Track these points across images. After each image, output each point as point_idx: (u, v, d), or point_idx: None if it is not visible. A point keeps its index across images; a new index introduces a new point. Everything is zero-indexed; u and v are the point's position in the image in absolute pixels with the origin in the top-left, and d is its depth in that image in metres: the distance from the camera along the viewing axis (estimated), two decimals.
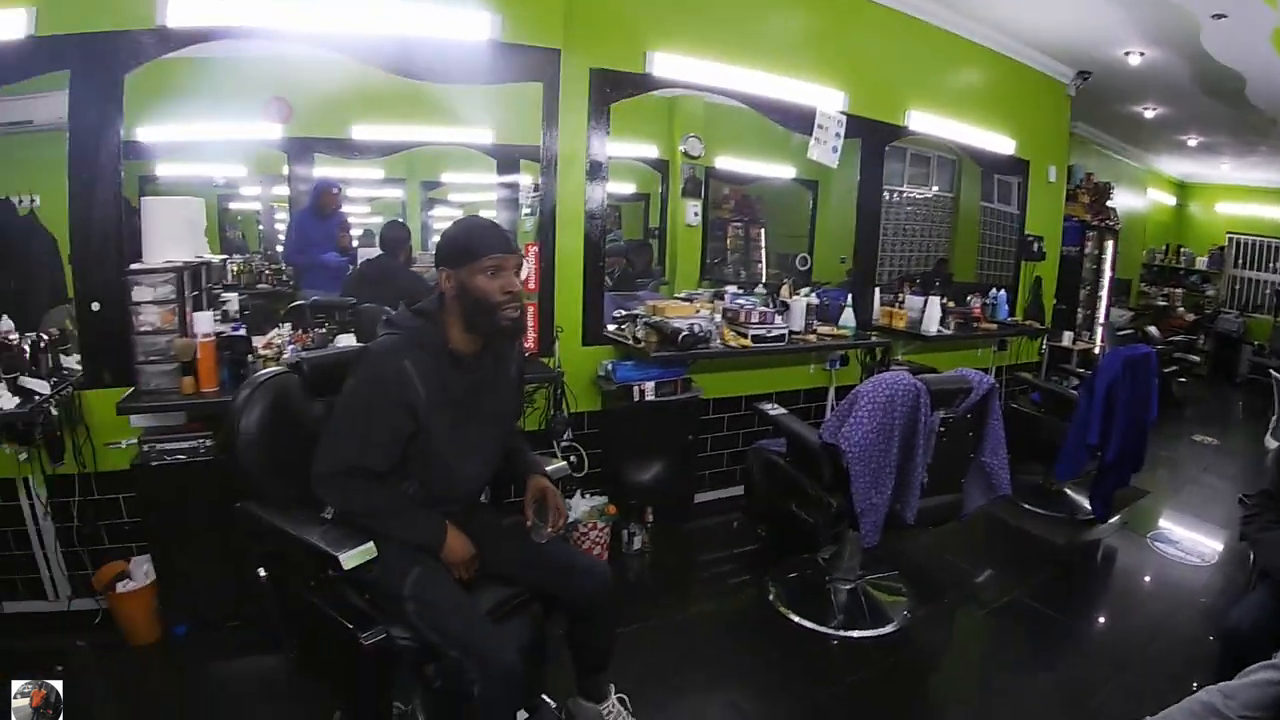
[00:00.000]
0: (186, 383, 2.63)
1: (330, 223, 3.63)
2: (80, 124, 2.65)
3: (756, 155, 4.91)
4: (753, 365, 4.26)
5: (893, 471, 2.73)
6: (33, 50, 2.59)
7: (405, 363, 1.78)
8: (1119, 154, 8.79)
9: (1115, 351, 4.21)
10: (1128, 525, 4.35)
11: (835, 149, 4.13)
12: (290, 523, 1.82)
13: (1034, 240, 5.79)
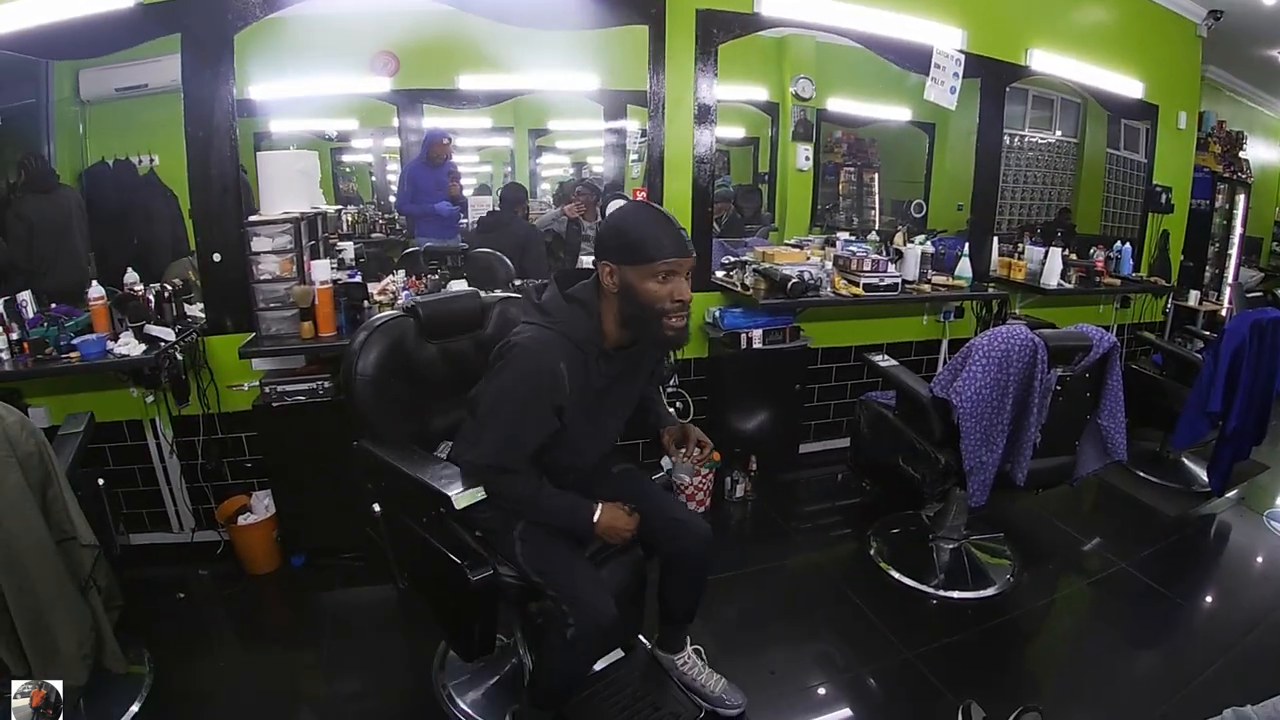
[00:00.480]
0: (305, 328, 2.75)
1: (441, 172, 3.70)
2: (194, 85, 2.76)
3: (870, 97, 4.73)
4: (863, 315, 4.18)
5: (1005, 430, 2.64)
6: (142, 17, 2.70)
7: (560, 365, 1.69)
8: (1253, 101, 8.13)
9: (1243, 315, 3.94)
10: (1244, 501, 4.11)
11: (953, 89, 3.93)
12: (405, 461, 1.88)
13: (1162, 191, 5.42)
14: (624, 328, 1.73)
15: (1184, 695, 2.44)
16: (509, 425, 1.71)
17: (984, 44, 4.15)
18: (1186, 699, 2.42)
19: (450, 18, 3.02)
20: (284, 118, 3.45)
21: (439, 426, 2.22)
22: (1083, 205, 5.57)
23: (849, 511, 3.63)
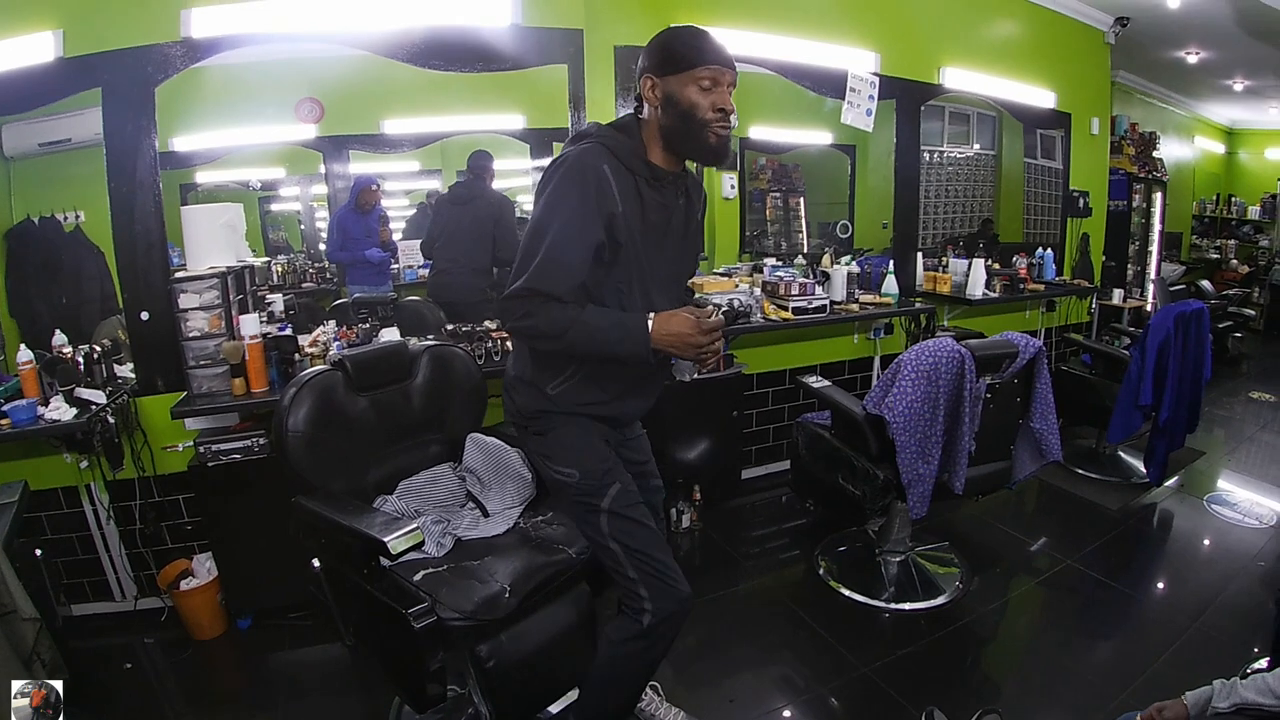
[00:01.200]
0: (237, 384, 2.72)
1: (370, 218, 3.67)
2: (116, 139, 2.73)
3: (791, 123, 4.81)
4: (795, 338, 4.22)
5: (939, 441, 2.70)
6: (63, 71, 2.68)
7: (605, 168, 1.60)
8: (1163, 102, 8.48)
9: (1166, 309, 4.08)
10: (1184, 488, 4.26)
11: (869, 111, 4.04)
12: (340, 514, 1.87)
13: (1079, 196, 5.62)
14: (668, 148, 1.69)
15: (1142, 681, 2.51)
16: (555, 238, 1.57)
17: (897, 65, 4.27)
18: (1145, 685, 2.48)
19: (372, 63, 3.03)
20: (210, 168, 3.42)
21: (375, 478, 2.23)
22: (1004, 215, 5.72)
23: (795, 533, 3.65)
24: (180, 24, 2.71)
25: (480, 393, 2.59)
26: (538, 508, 2.33)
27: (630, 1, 3.49)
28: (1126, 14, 5.59)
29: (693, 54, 1.60)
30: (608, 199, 1.59)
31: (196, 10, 2.72)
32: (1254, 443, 5.30)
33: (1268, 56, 6.36)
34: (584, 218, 1.57)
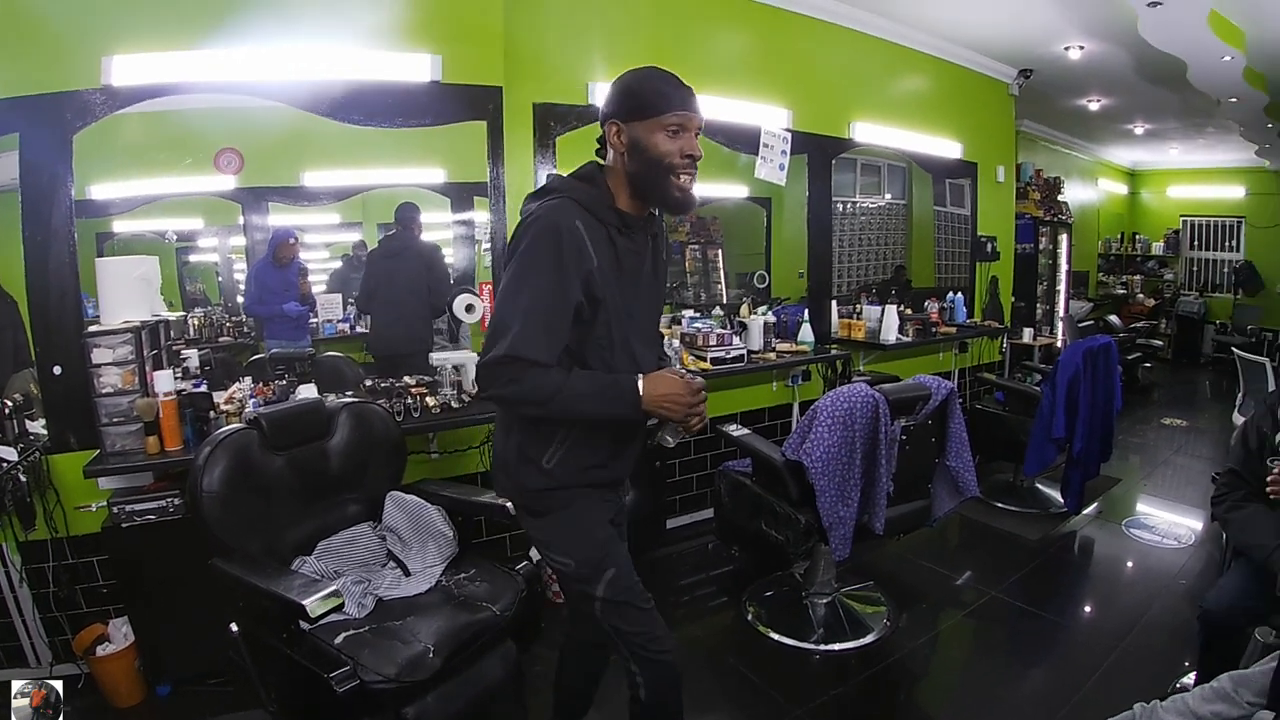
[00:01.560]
0: (151, 443, 2.63)
1: (289, 271, 3.61)
2: (31, 186, 2.66)
3: (708, 177, 4.90)
4: (715, 387, 4.22)
5: (858, 483, 2.75)
6: None
7: (577, 223, 1.54)
8: (1067, 148, 8.96)
9: (1075, 345, 4.27)
10: (1102, 514, 4.41)
11: (782, 166, 4.17)
12: (258, 576, 1.86)
13: (987, 241, 5.89)
14: (634, 195, 1.63)
15: (1075, 704, 2.58)
16: (533, 302, 1.50)
17: (809, 121, 4.44)
18: (1077, 707, 2.55)
19: (294, 115, 3.02)
20: (128, 217, 3.32)
21: (293, 539, 2.21)
22: (917, 261, 5.91)
23: (722, 580, 3.65)
24: (101, 71, 2.67)
25: (400, 450, 2.57)
26: (460, 565, 2.32)
27: (548, 60, 3.57)
28: (1029, 66, 5.94)
29: (660, 100, 1.57)
30: (584, 256, 1.53)
31: (118, 58, 2.68)
32: (1169, 466, 5.55)
33: (1166, 100, 6.79)
34: (561, 279, 1.51)
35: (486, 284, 3.34)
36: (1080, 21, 4.86)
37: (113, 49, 2.68)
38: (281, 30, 2.90)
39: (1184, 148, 9.50)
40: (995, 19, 4.95)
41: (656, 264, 1.78)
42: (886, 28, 4.95)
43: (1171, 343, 10.18)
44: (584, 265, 1.54)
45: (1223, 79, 5.32)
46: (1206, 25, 4.24)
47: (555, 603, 3.22)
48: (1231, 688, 1.43)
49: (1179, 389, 8.76)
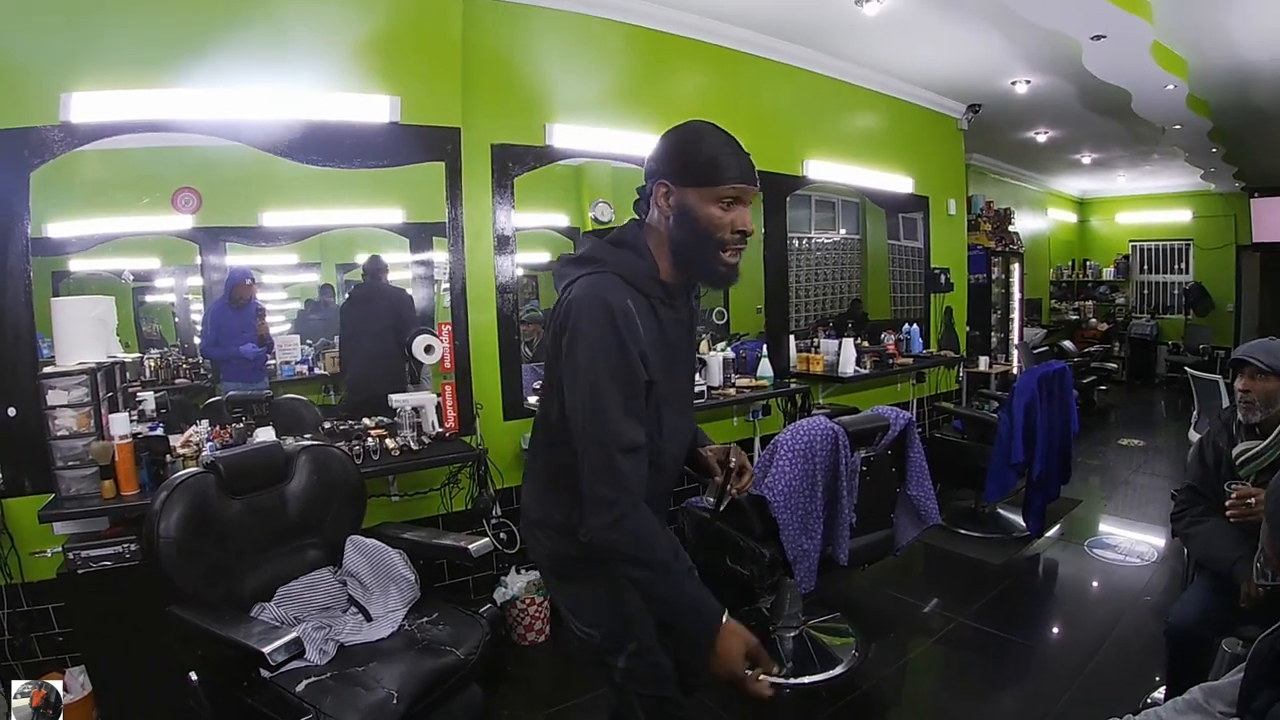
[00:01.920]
0: (106, 487, 2.56)
1: (246, 312, 3.57)
2: None
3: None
4: None
5: (820, 516, 2.77)
6: None
7: (628, 303, 1.41)
8: (1016, 179, 9.22)
9: (1030, 371, 4.36)
10: (1065, 536, 4.48)
11: None
12: (216, 623, 1.84)
13: (940, 273, 6.02)
14: (676, 265, 1.51)
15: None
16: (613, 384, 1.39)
17: (764, 159, 4.40)
18: None
19: (252, 155, 3.02)
20: (84, 256, 3.27)
21: (252, 585, 2.18)
22: (872, 294, 6.02)
23: None
24: (60, 107, 2.64)
25: (359, 494, 2.55)
26: (423, 609, 2.29)
27: (506, 102, 3.61)
28: (978, 101, 6.13)
29: (719, 168, 1.43)
30: (637, 336, 1.41)
31: (77, 95, 2.65)
32: (1128, 485, 5.67)
33: (1111, 130, 7.03)
34: (626, 365, 1.40)
35: (445, 324, 3.33)
36: (1026, 56, 5.02)
37: (72, 86, 2.66)
38: (242, 70, 2.91)
39: (1131, 175, 9.82)
40: (943, 57, 5.10)
41: (692, 329, 1.69)
42: (838, 67, 5.08)
43: (1125, 365, 10.43)
44: (640, 346, 1.42)
45: (1167, 107, 5.53)
46: (1149, 55, 4.39)
47: (520, 644, 3.18)
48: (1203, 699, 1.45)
49: (1135, 410, 8.97)
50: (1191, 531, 2.36)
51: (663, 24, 4.12)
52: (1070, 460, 4.45)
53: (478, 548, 2.34)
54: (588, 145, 3.86)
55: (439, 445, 3.14)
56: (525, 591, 3.20)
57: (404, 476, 3.21)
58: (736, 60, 4.51)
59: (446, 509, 3.36)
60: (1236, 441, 2.32)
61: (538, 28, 3.70)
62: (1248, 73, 5.17)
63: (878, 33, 4.53)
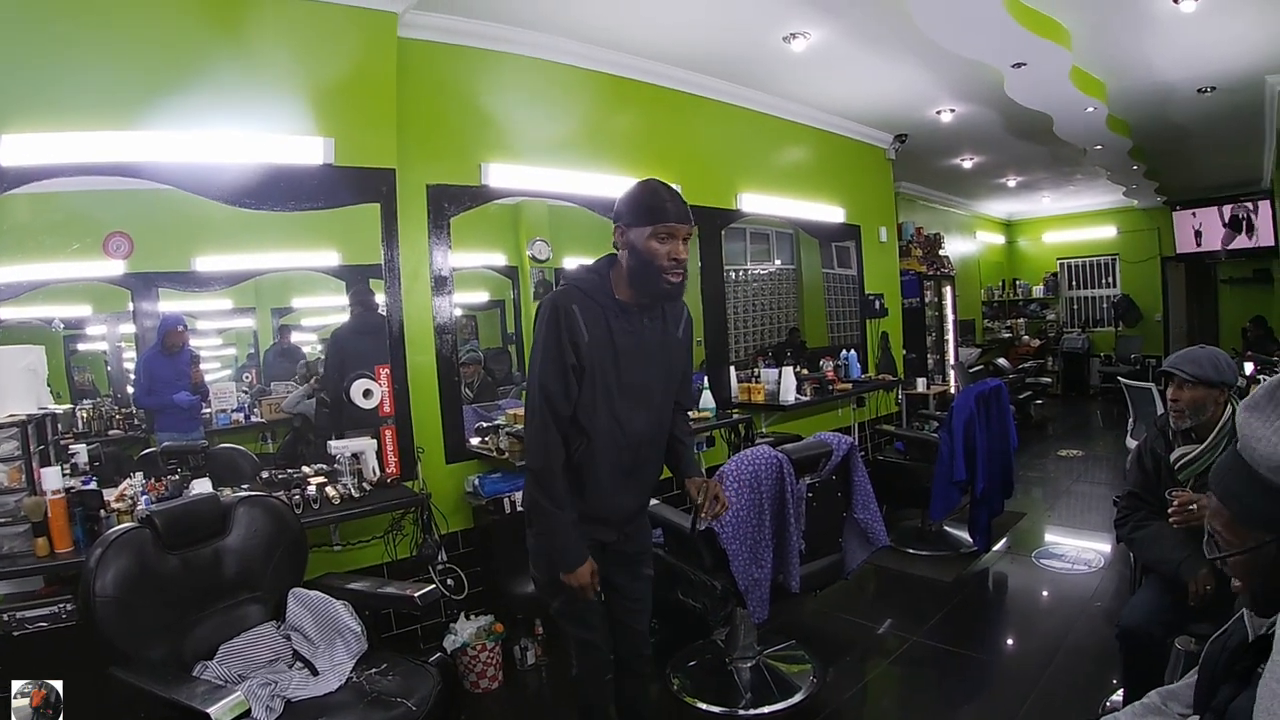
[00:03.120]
0: (40, 544, 2.44)
1: (179, 360, 3.47)
2: None
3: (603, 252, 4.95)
4: None
5: (769, 544, 2.77)
6: None
7: (573, 306, 1.90)
8: (945, 205, 9.53)
9: (967, 390, 4.46)
10: (1012, 549, 4.56)
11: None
12: (158, 684, 1.80)
13: (875, 299, 6.18)
14: (631, 286, 1.94)
15: None
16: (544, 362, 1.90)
17: (698, 193, 4.56)
18: None
19: (184, 198, 2.97)
20: (12, 304, 3.14)
21: (193, 644, 2.13)
22: (809, 322, 6.12)
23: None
24: None
25: (300, 545, 2.49)
26: (371, 660, 2.23)
27: (440, 144, 3.62)
28: (904, 131, 6.33)
29: (653, 212, 1.89)
30: (574, 330, 1.89)
31: (7, 137, 2.58)
32: (1070, 495, 5.81)
33: (1035, 153, 7.33)
34: (558, 349, 1.89)
35: (383, 367, 3.27)
36: (950, 86, 5.22)
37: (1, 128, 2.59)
38: (174, 113, 2.86)
39: (1055, 195, 10.21)
40: (870, 89, 5.26)
41: (665, 340, 2.08)
42: (769, 102, 5.22)
43: (1059, 379, 10.78)
44: (573, 336, 1.89)
45: (1088, 129, 5.80)
46: (1069, 80, 4.59)
47: (474, 692, 3.10)
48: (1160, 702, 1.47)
49: (1071, 421, 9.24)
50: (1136, 536, 2.41)
51: (598, 64, 4.18)
52: (1011, 474, 4.56)
53: (424, 596, 2.31)
54: (524, 184, 3.87)
55: (381, 491, 3.07)
56: (475, 638, 3.12)
57: (346, 525, 3.12)
58: (670, 98, 4.59)
59: (391, 557, 3.27)
60: (1174, 447, 2.39)
61: (473, 68, 3.72)
62: (1165, 92, 5.45)
63: (806, 68, 4.66)
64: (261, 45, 3.07)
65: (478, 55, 3.72)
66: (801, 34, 4.08)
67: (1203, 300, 10.31)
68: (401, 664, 2.21)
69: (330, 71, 3.20)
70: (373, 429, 3.26)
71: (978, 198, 10.02)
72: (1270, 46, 4.65)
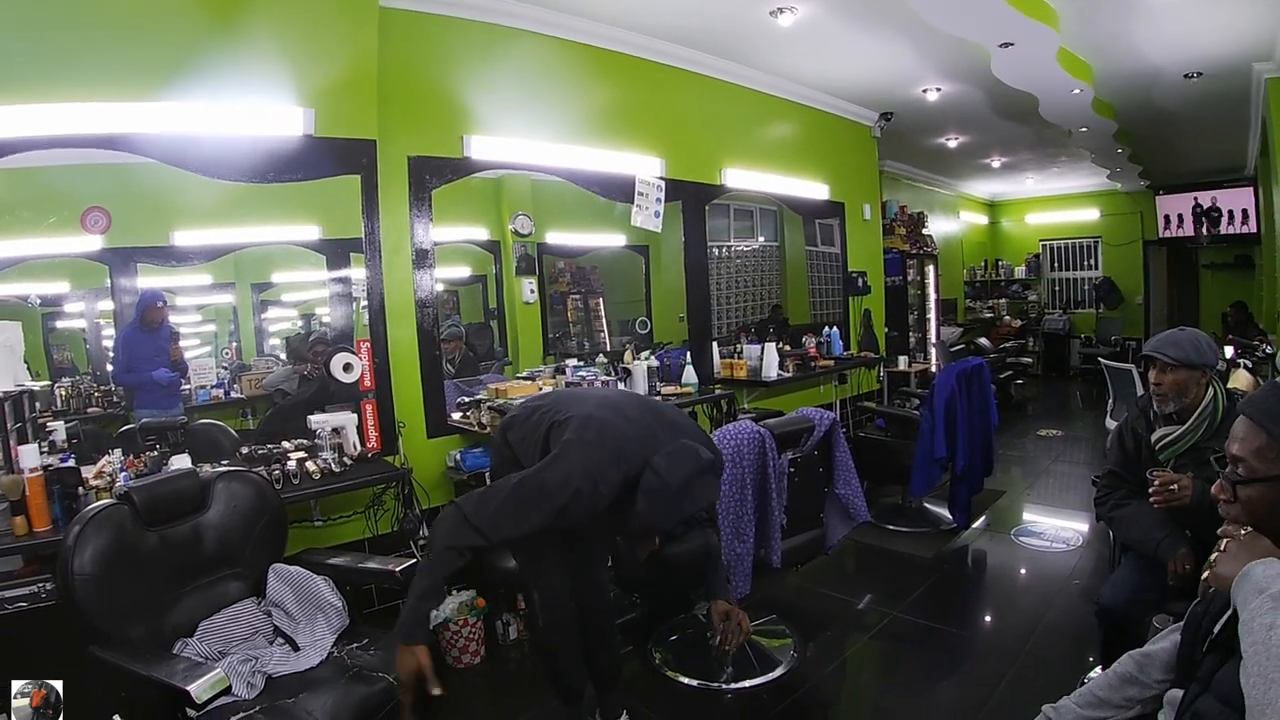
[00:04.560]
0: (18, 523, 2.40)
1: (158, 336, 3.43)
2: None
3: (586, 227, 5.00)
4: None
5: (751, 519, 2.79)
6: None
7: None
8: (929, 184, 9.53)
9: (949, 368, 4.48)
10: (991, 526, 4.60)
11: (657, 214, 4.27)
12: (138, 662, 1.78)
13: (857, 276, 6.18)
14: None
15: (989, 709, 2.64)
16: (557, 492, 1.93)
17: (682, 169, 4.58)
18: (992, 713, 2.61)
19: (163, 172, 2.91)
20: None
21: (173, 621, 2.11)
22: (792, 299, 6.14)
23: (626, 628, 3.52)
24: None
25: (280, 519, 2.46)
26: (352, 635, 2.23)
27: (421, 115, 3.56)
28: (890, 109, 6.31)
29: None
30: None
31: None
32: (1049, 474, 5.86)
33: (1020, 134, 7.32)
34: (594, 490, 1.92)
35: (364, 341, 3.25)
36: (937, 65, 5.20)
37: None
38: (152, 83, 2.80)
39: (1039, 177, 10.24)
40: (856, 66, 5.24)
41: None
42: (754, 77, 5.18)
43: (1040, 359, 10.87)
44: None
45: (1073, 111, 5.78)
46: (1056, 62, 4.58)
47: (455, 667, 3.11)
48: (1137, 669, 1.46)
49: (1051, 401, 9.32)
50: (1116, 515, 2.42)
51: (582, 36, 4.13)
52: (992, 453, 4.59)
53: (406, 570, 2.28)
54: (506, 157, 3.82)
55: (361, 466, 3.05)
56: (458, 613, 3.12)
57: (326, 500, 3.11)
58: (655, 71, 4.55)
59: (372, 532, 3.27)
60: (1155, 427, 2.40)
61: (455, 39, 3.67)
62: (1151, 76, 5.46)
63: (792, 44, 4.63)
64: (241, 14, 3.00)
65: (460, 26, 3.66)
66: (788, 8, 4.04)
67: (1184, 284, 10.41)
68: (383, 639, 2.20)
69: (311, 41, 3.15)
70: (353, 403, 3.24)
71: (962, 177, 10.04)
72: (1257, 34, 4.66)
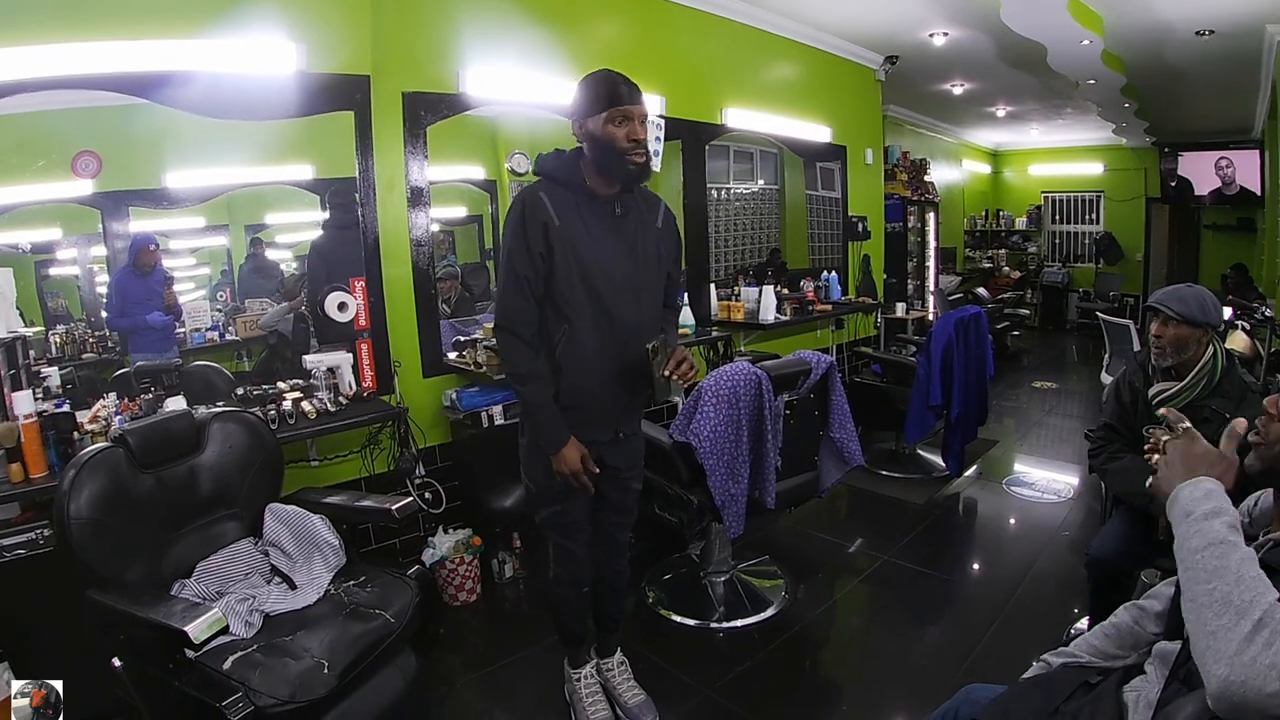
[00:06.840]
0: (14, 470, 2.40)
1: (152, 280, 3.40)
2: None
3: None
4: None
5: (746, 460, 2.79)
6: None
7: (541, 194, 1.98)
8: (932, 131, 9.39)
9: (946, 316, 4.46)
10: (983, 475, 4.65)
11: (656, 152, 4.18)
12: (135, 605, 1.79)
13: (858, 221, 6.11)
14: (600, 174, 2.00)
15: (976, 655, 2.69)
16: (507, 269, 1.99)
17: (682, 107, 4.48)
18: (979, 659, 2.66)
19: (153, 113, 2.85)
20: None
21: (170, 563, 2.11)
22: (791, 243, 6.05)
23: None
24: None
25: (276, 460, 2.46)
26: (349, 573, 2.24)
27: (416, 49, 3.46)
28: (895, 53, 6.18)
29: (607, 98, 1.94)
30: (541, 214, 1.96)
31: None
32: (1042, 426, 5.91)
33: (1026, 84, 7.19)
34: (524, 236, 1.95)
35: (359, 280, 3.21)
36: (945, 9, 5.07)
37: None
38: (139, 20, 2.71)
39: (1044, 128, 10.07)
40: (862, 8, 5.11)
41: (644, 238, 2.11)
42: (757, 15, 5.04)
43: (1038, 311, 10.87)
44: (539, 219, 1.95)
45: (1081, 62, 5.64)
46: (1066, 11, 4.46)
47: (452, 605, 3.15)
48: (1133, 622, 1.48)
49: (1047, 354, 9.35)
50: (1110, 467, 2.43)
51: None
52: (986, 402, 4.60)
53: (402, 508, 2.30)
54: (502, 93, 3.73)
55: (357, 405, 3.05)
56: (454, 551, 3.16)
57: (322, 440, 3.11)
58: (655, 7, 4.43)
59: (368, 471, 3.27)
60: (1152, 382, 2.41)
61: None
62: (1162, 31, 5.33)
63: None
64: None
65: None
66: None
67: (1185, 243, 10.34)
68: (380, 576, 2.22)
69: None
70: (348, 343, 3.23)
71: (966, 125, 9.88)
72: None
